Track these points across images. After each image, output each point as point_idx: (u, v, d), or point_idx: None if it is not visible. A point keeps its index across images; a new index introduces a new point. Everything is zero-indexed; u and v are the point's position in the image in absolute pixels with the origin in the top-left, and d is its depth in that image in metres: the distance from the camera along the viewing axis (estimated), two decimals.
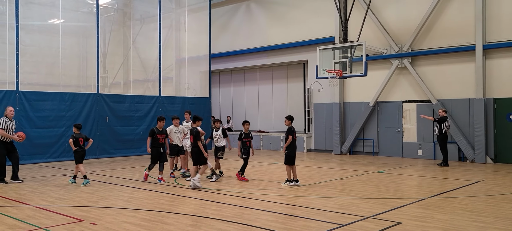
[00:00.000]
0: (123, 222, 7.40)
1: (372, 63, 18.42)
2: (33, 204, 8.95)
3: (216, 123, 12.79)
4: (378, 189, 10.75)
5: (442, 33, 17.36)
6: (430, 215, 7.85)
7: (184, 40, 22.76)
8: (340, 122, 20.01)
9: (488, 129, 16.28)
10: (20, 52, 16.35)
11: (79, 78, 19.57)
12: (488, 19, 16.30)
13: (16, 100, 16.13)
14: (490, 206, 8.70)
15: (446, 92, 17.32)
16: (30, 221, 7.50)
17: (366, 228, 7.04)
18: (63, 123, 17.33)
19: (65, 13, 18.53)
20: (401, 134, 18.50)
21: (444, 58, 17.40)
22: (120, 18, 21.82)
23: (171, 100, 21.26)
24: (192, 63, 22.93)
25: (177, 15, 22.85)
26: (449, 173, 13.66)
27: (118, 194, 10.16)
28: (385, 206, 8.60)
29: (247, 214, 8.16)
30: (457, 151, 16.96)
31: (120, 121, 19.21)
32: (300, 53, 21.72)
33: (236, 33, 24.40)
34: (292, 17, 21.96)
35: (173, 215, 8.00)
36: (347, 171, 13.97)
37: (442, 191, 10.42)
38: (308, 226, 7.17)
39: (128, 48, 21.19)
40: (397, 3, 18.56)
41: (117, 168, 15.07)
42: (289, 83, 23.49)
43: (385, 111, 18.99)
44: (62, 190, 10.73)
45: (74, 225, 7.24)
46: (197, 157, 10.74)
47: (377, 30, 18.84)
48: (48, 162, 16.59)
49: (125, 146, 19.30)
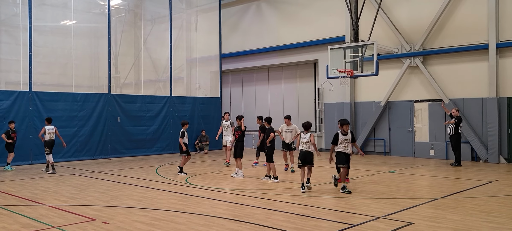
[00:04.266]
0: (134, 222, 7.45)
1: (383, 62, 18.30)
2: (46, 203, 9.05)
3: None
4: (389, 189, 10.68)
5: (454, 31, 17.18)
6: (442, 215, 7.78)
7: (194, 40, 22.83)
8: (351, 121, 19.91)
9: (502, 128, 16.08)
10: (33, 53, 16.54)
11: (91, 78, 19.74)
12: (501, 17, 16.10)
13: (29, 100, 16.33)
14: (504, 207, 8.60)
15: (459, 91, 17.14)
16: (44, 220, 7.58)
17: (378, 228, 7.00)
18: (75, 123, 17.50)
19: (77, 15, 18.70)
20: (412, 133, 18.36)
21: (456, 57, 17.22)
22: (131, 19, 21.96)
23: (182, 101, 21.35)
24: (203, 63, 23.00)
25: (187, 16, 22.94)
26: (462, 173, 13.53)
27: (129, 193, 10.23)
28: (396, 206, 8.54)
29: (258, 213, 8.16)
30: (470, 151, 16.78)
31: (131, 120, 19.34)
32: (310, 52, 21.66)
33: (246, 33, 24.42)
34: (303, 17, 21.91)
35: (184, 214, 8.03)
36: (358, 171, 13.90)
37: (454, 191, 10.32)
38: (319, 226, 7.15)
39: (139, 49, 21.32)
40: (408, 2, 18.42)
41: (128, 168, 15.17)
42: (299, 83, 23.44)
43: (396, 111, 18.86)
44: (74, 189, 10.84)
45: (86, 224, 7.31)
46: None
47: (388, 29, 18.72)
48: (61, 162, 16.75)
49: (137, 145, 19.43)
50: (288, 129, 13.72)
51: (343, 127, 10.08)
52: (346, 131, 10.10)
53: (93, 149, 17.95)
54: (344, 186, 10.09)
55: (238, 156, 12.69)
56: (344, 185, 10.09)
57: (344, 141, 10.07)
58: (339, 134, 10.11)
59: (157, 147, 20.18)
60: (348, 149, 10.13)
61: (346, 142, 10.09)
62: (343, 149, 10.09)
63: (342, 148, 10.07)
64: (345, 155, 10.12)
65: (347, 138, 10.10)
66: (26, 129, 16.10)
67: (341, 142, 10.09)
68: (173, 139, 20.71)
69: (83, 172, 14.09)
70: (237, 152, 12.71)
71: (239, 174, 12.62)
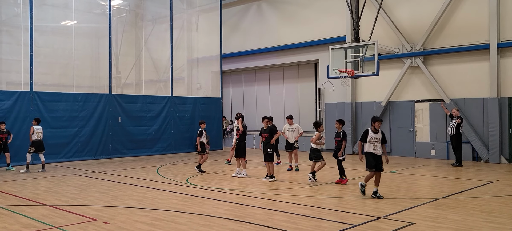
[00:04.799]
0: (135, 222, 7.45)
1: (384, 62, 18.29)
2: (47, 204, 9.06)
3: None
4: (390, 189, 10.67)
5: (455, 31, 17.17)
6: (443, 215, 7.78)
7: (195, 40, 22.84)
8: (352, 121, 19.91)
9: (503, 128, 16.07)
10: (34, 54, 16.56)
11: (92, 79, 19.75)
12: (502, 17, 16.08)
13: (31, 101, 16.34)
14: (505, 207, 8.59)
15: (460, 91, 17.13)
16: (45, 220, 7.59)
17: (379, 228, 6.99)
18: (76, 123, 17.51)
19: (78, 15, 18.72)
20: (413, 133, 18.35)
21: (457, 57, 17.21)
22: (132, 19, 21.97)
23: (183, 101, 21.36)
24: (204, 64, 23.01)
25: (188, 16, 22.95)
26: (463, 173, 13.52)
27: (131, 193, 10.24)
28: (397, 206, 8.54)
29: (259, 214, 8.16)
30: (471, 151, 16.77)
31: (132, 121, 19.35)
32: (311, 53, 21.66)
33: (247, 33, 24.42)
34: (303, 17, 21.91)
35: (185, 214, 8.03)
36: (359, 171, 13.88)
37: (455, 191, 10.31)
38: (320, 226, 7.15)
39: (140, 49, 21.34)
40: (409, 2, 18.41)
41: (129, 168, 15.18)
42: (300, 83, 23.44)
43: (397, 111, 18.85)
44: (76, 189, 10.85)
45: (87, 224, 7.32)
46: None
47: (389, 29, 18.71)
48: (62, 162, 16.78)
49: (138, 145, 19.44)
50: (291, 128, 13.99)
51: (375, 124, 9.29)
52: (377, 129, 9.30)
53: (94, 149, 17.96)
54: (376, 191, 9.30)
55: (240, 156, 12.68)
56: (375, 190, 9.29)
57: (374, 139, 9.25)
58: (369, 130, 9.33)
59: (158, 147, 20.18)
60: (378, 149, 9.29)
61: (375, 141, 9.25)
62: (372, 149, 9.25)
63: (371, 148, 9.25)
64: (374, 157, 9.27)
65: (377, 137, 9.27)
66: (27, 129, 16.04)
67: (370, 140, 9.26)
68: (174, 139, 20.73)
69: (84, 172, 14.10)
70: (239, 152, 12.70)
71: (242, 174, 12.60)
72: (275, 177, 12.14)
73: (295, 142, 14.01)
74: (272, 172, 11.98)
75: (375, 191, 9.32)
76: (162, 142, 20.33)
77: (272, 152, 12.04)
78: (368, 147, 9.27)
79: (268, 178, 11.91)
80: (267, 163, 12.02)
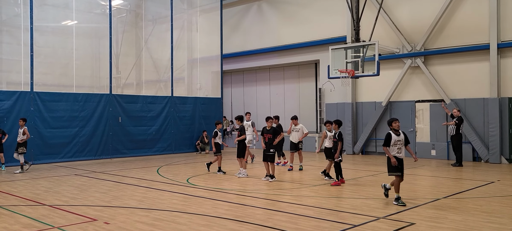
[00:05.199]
0: (136, 222, 7.45)
1: (385, 62, 18.29)
2: (47, 204, 9.05)
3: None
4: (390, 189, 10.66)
5: (455, 32, 17.17)
6: (443, 215, 7.77)
7: (196, 40, 22.85)
8: (352, 121, 19.91)
9: (503, 128, 16.06)
10: (35, 54, 16.56)
11: (92, 79, 19.76)
12: (503, 18, 16.08)
13: (31, 101, 16.35)
14: (505, 207, 8.58)
15: (460, 91, 17.13)
16: (45, 220, 7.59)
17: (379, 228, 6.99)
18: (76, 123, 17.52)
19: (78, 15, 18.73)
20: (414, 133, 18.35)
21: (457, 57, 17.21)
22: (132, 19, 21.98)
23: (183, 101, 21.36)
24: (204, 64, 23.01)
25: (189, 16, 22.95)
26: (463, 174, 13.51)
27: (131, 193, 10.23)
28: (398, 207, 8.53)
29: (259, 214, 8.16)
30: (471, 151, 16.76)
31: (132, 121, 19.36)
32: (311, 53, 21.66)
33: (247, 33, 24.43)
34: (304, 17, 21.90)
35: (185, 215, 8.03)
36: (360, 171, 13.90)
37: (456, 191, 10.31)
38: (321, 226, 7.15)
39: (141, 49, 21.35)
40: (409, 2, 18.41)
41: (130, 168, 15.18)
42: (300, 83, 23.44)
43: (397, 111, 18.84)
44: (76, 189, 10.85)
45: (87, 224, 7.32)
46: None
47: (389, 29, 18.71)
48: (62, 162, 16.78)
49: (138, 146, 19.44)
50: (295, 129, 14.10)
51: (393, 124, 8.80)
52: (398, 130, 8.81)
53: (94, 149, 17.97)
54: (398, 197, 8.72)
55: (240, 156, 12.72)
56: (398, 196, 8.72)
57: (398, 142, 8.76)
58: (392, 134, 8.81)
59: (158, 147, 20.18)
60: (402, 152, 8.82)
61: (399, 144, 8.78)
62: (397, 152, 8.76)
63: (395, 151, 8.77)
64: (398, 160, 8.76)
65: (400, 139, 8.80)
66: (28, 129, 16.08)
67: (394, 144, 8.76)
68: (175, 139, 20.74)
69: (84, 172, 14.10)
70: (239, 152, 12.72)
71: (242, 174, 12.64)
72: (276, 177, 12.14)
73: (299, 142, 14.07)
74: (272, 172, 11.97)
75: (397, 197, 8.75)
76: (163, 142, 20.34)
77: (274, 152, 12.00)
78: (392, 150, 8.78)
79: (268, 178, 11.90)
80: (268, 163, 12.00)
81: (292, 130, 14.20)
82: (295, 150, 14.12)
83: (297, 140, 14.04)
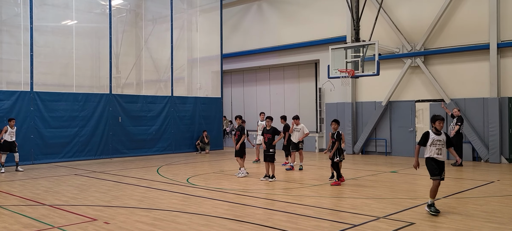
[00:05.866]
0: (136, 222, 7.45)
1: (385, 62, 18.29)
2: (47, 204, 9.06)
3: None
4: (391, 189, 10.68)
5: (455, 31, 17.17)
6: (443, 215, 7.77)
7: (195, 40, 22.85)
8: (352, 121, 19.91)
9: (503, 128, 16.07)
10: (35, 53, 16.56)
11: (92, 78, 19.76)
12: (503, 17, 16.08)
13: (31, 101, 16.34)
14: (505, 207, 8.58)
15: (460, 91, 17.13)
16: (45, 220, 7.59)
17: (379, 228, 6.99)
18: (76, 123, 17.51)
19: (78, 14, 18.73)
20: (414, 133, 18.35)
21: (457, 57, 17.21)
22: (132, 19, 21.98)
23: (183, 101, 21.36)
24: (204, 64, 23.02)
25: (188, 16, 22.95)
26: (463, 173, 13.51)
27: (131, 193, 10.24)
28: (398, 206, 8.54)
29: (259, 214, 8.16)
30: (471, 151, 16.76)
31: (132, 121, 19.35)
32: (311, 52, 21.66)
33: (247, 33, 24.42)
34: (304, 17, 21.91)
35: (185, 214, 8.03)
36: (360, 171, 13.90)
37: (456, 191, 10.31)
38: (321, 226, 7.15)
39: (141, 49, 21.35)
40: (409, 2, 18.41)
41: (129, 168, 15.18)
42: (300, 83, 23.44)
43: (397, 111, 18.85)
44: (76, 189, 10.85)
45: (87, 224, 7.32)
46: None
47: (389, 29, 18.71)
48: (62, 162, 16.78)
49: (138, 145, 19.44)
50: (297, 128, 14.18)
51: (435, 123, 7.91)
52: (439, 130, 7.95)
53: (94, 149, 17.97)
54: (432, 204, 7.88)
55: (238, 155, 12.68)
56: (431, 202, 7.88)
57: (437, 142, 7.85)
58: (430, 132, 7.97)
59: (158, 147, 20.18)
60: (442, 154, 7.91)
61: (439, 144, 7.85)
62: (436, 154, 7.86)
63: (434, 152, 7.86)
64: (437, 163, 7.89)
65: (440, 139, 7.88)
66: (27, 129, 16.12)
67: (432, 144, 7.87)
68: (175, 139, 20.74)
69: (84, 172, 14.10)
70: (238, 151, 12.70)
71: (242, 173, 12.64)
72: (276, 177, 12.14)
73: (300, 142, 14.11)
74: (272, 172, 11.96)
75: (430, 203, 7.90)
76: (163, 142, 20.34)
77: (274, 152, 11.99)
78: (430, 151, 7.91)
79: (268, 178, 11.90)
80: (268, 163, 12.00)
81: (293, 129, 14.24)
82: (296, 149, 14.17)
83: (298, 140, 14.08)
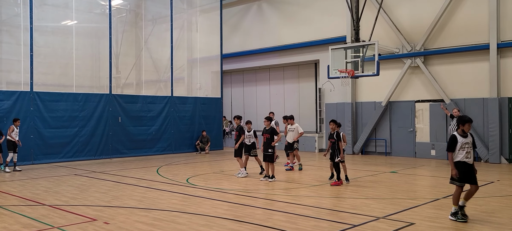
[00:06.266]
0: (135, 222, 7.46)
1: (384, 62, 18.30)
2: (47, 204, 9.06)
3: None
4: (390, 189, 10.68)
5: (455, 32, 17.17)
6: (443, 215, 7.77)
7: (195, 40, 22.85)
8: (352, 121, 19.91)
9: (503, 128, 16.07)
10: (34, 54, 16.56)
11: (92, 79, 19.76)
12: (502, 17, 16.08)
13: (31, 101, 16.35)
14: (505, 207, 8.59)
15: (460, 91, 17.13)
16: (45, 220, 7.59)
17: (379, 228, 6.99)
18: (76, 123, 17.52)
19: (78, 15, 18.73)
20: (413, 133, 18.35)
21: (457, 57, 17.21)
22: (132, 19, 21.98)
23: (183, 101, 21.36)
24: (204, 64, 23.02)
25: (188, 16, 22.95)
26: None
27: (130, 193, 10.24)
28: (397, 207, 8.54)
29: (259, 214, 8.16)
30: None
31: (132, 121, 19.35)
32: (311, 53, 21.66)
33: (247, 33, 24.43)
34: (304, 17, 21.91)
35: (185, 214, 8.03)
36: (359, 171, 13.90)
37: None
38: (320, 226, 7.15)
39: (140, 49, 21.35)
40: (409, 2, 18.41)
41: (129, 168, 15.18)
42: (300, 83, 23.44)
43: (397, 111, 18.85)
44: (76, 189, 10.85)
45: (87, 224, 7.32)
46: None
47: (389, 29, 18.71)
48: (62, 162, 16.78)
49: (138, 146, 19.44)
50: (291, 128, 14.13)
51: (464, 126, 7.45)
52: (467, 133, 7.46)
53: (94, 149, 17.97)
54: (456, 211, 7.39)
55: (237, 155, 12.68)
56: (456, 210, 7.39)
57: (465, 145, 7.36)
58: (457, 136, 7.46)
59: (158, 147, 20.19)
60: (471, 157, 7.41)
61: (467, 147, 7.35)
62: (465, 157, 7.35)
63: (463, 156, 7.35)
64: (467, 167, 7.36)
65: (468, 141, 7.40)
66: (27, 129, 16.11)
67: (461, 147, 7.36)
68: (174, 139, 20.74)
69: (84, 172, 14.10)
70: (237, 151, 12.70)
71: (241, 173, 12.65)
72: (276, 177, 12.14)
73: (294, 142, 14.08)
74: (272, 172, 11.97)
75: (455, 211, 7.42)
76: (162, 142, 20.34)
77: (272, 152, 12.02)
78: (460, 155, 7.39)
79: (268, 178, 11.91)
80: (267, 163, 12.01)
81: (288, 129, 14.21)
82: (291, 150, 14.10)
83: (292, 140, 14.03)
